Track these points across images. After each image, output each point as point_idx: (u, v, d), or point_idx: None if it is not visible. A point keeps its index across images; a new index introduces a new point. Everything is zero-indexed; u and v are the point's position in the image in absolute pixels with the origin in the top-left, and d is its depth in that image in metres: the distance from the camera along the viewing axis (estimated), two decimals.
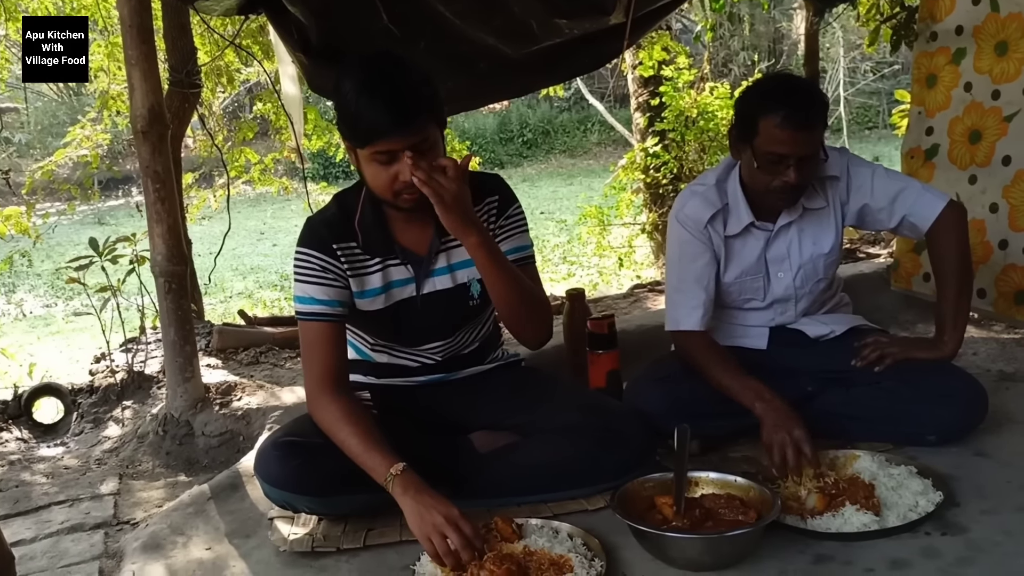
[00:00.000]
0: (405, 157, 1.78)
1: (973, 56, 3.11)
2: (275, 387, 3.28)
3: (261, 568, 1.89)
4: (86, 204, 12.70)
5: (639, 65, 6.77)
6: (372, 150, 1.81)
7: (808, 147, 2.11)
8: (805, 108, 2.09)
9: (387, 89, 1.77)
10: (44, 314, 9.20)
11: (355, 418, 1.87)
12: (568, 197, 13.35)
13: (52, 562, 2.16)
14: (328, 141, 6.72)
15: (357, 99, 1.78)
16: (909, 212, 2.25)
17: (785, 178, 2.12)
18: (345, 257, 1.98)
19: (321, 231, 1.98)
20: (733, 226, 2.30)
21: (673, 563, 1.71)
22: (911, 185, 2.29)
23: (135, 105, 2.88)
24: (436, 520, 1.69)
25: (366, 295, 2.02)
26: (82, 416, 3.42)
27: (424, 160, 1.80)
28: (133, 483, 2.78)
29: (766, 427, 2.03)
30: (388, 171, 1.83)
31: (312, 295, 1.95)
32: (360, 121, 1.79)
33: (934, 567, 1.63)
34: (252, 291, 9.89)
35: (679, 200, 2.38)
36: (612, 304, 4.30)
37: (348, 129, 1.84)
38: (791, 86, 2.18)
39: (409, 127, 1.78)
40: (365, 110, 1.77)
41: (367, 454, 1.81)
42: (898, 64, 16.82)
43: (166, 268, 2.98)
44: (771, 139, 2.10)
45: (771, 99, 2.12)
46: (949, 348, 2.21)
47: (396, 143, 1.78)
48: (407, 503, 1.75)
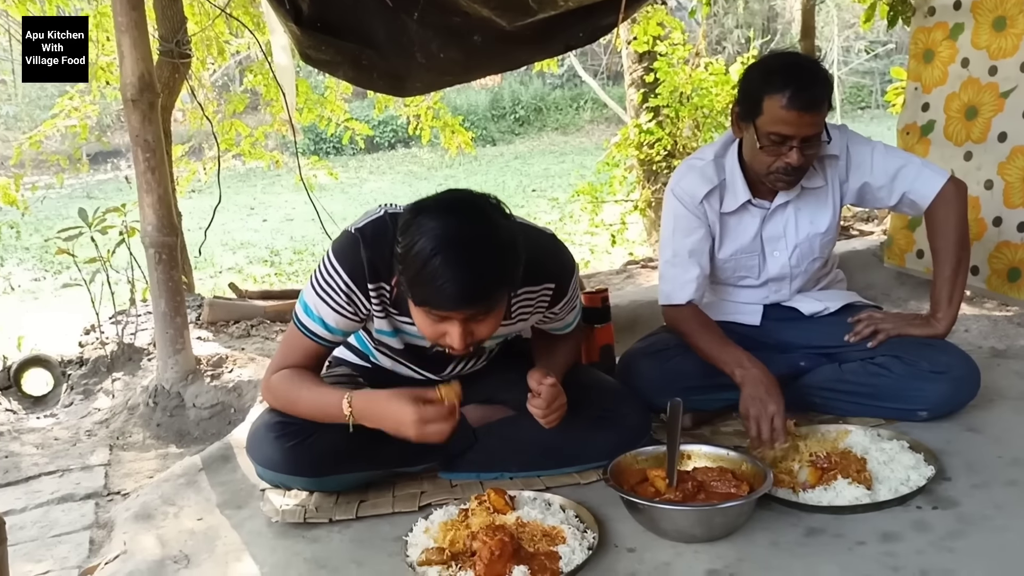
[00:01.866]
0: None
1: (971, 31, 3.10)
2: (266, 360, 3.27)
3: (253, 538, 1.88)
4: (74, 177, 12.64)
5: (634, 40, 6.71)
6: (426, 310, 1.65)
7: (812, 128, 2.08)
8: (810, 88, 2.05)
9: (462, 266, 1.55)
10: (32, 287, 9.15)
11: (301, 375, 1.87)
12: (560, 175, 13.32)
13: (42, 531, 2.16)
14: (319, 115, 6.67)
15: (430, 257, 1.55)
16: (909, 189, 2.23)
17: (788, 159, 2.10)
18: (378, 298, 1.82)
19: (363, 263, 1.76)
20: (729, 203, 2.29)
21: (665, 535, 1.72)
22: (911, 162, 2.27)
23: (125, 73, 2.84)
24: (405, 412, 1.72)
25: (387, 334, 1.94)
26: (72, 388, 3.40)
27: (480, 327, 1.67)
28: (123, 454, 2.77)
29: (743, 396, 2.05)
30: (437, 327, 1.67)
31: (322, 316, 1.82)
32: (422, 282, 1.58)
33: (925, 540, 1.64)
34: (242, 266, 9.86)
35: (676, 174, 2.36)
36: (605, 279, 4.30)
37: (407, 283, 1.63)
38: (796, 65, 2.13)
39: (472, 307, 1.62)
40: (432, 275, 1.55)
41: (320, 398, 1.83)
42: (892, 43, 16.81)
43: (156, 239, 2.95)
44: (775, 119, 2.07)
45: (776, 78, 2.07)
46: (943, 325, 2.21)
47: (455, 314, 1.63)
48: (376, 403, 1.77)
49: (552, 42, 3.68)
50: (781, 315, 2.40)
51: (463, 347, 1.67)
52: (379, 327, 1.92)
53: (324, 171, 7.05)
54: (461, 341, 1.65)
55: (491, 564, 1.56)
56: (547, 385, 1.85)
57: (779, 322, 2.39)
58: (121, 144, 13.99)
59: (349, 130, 6.80)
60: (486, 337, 1.70)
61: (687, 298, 2.28)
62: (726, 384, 2.18)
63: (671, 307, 2.32)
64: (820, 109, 2.08)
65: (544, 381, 1.85)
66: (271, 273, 9.46)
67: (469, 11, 3.19)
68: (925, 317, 2.28)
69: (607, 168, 7.07)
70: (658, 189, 6.86)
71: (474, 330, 1.67)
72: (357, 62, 3.46)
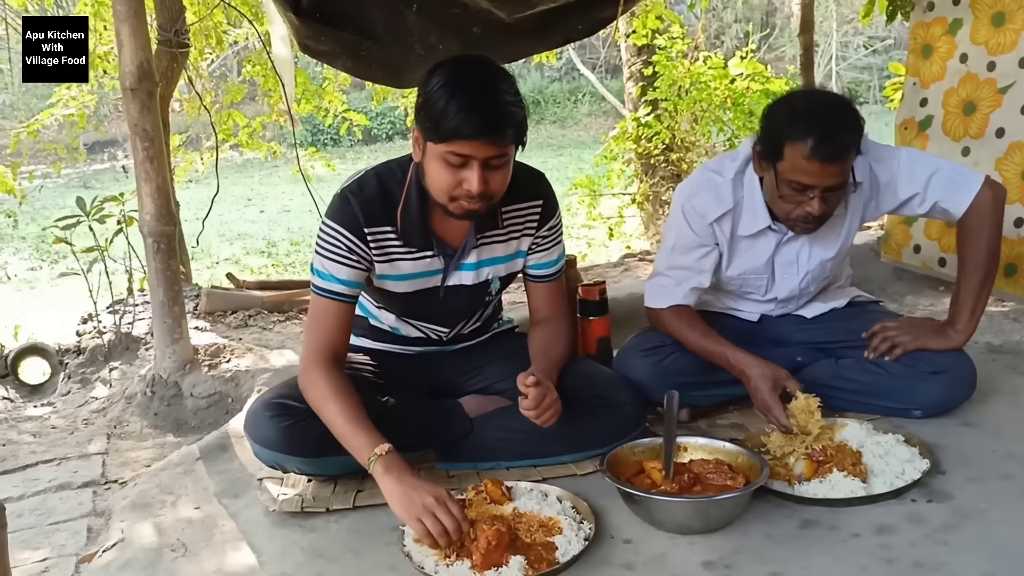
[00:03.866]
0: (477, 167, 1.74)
1: (970, 27, 3.10)
2: (264, 350, 3.28)
3: (250, 528, 1.89)
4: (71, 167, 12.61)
5: (632, 34, 6.71)
6: (448, 149, 1.73)
7: (836, 178, 1.96)
8: (836, 137, 1.91)
9: (483, 94, 1.72)
10: (29, 277, 9.13)
11: (342, 395, 1.83)
12: (558, 168, 13.29)
13: (40, 519, 2.16)
14: (317, 105, 6.66)
15: (449, 94, 1.69)
16: (941, 198, 2.11)
17: (809, 208, 1.99)
18: (376, 243, 1.92)
19: (355, 212, 1.89)
20: (747, 226, 2.18)
21: (661, 526, 1.72)
22: (941, 168, 2.12)
23: (124, 62, 2.84)
24: (425, 501, 1.65)
25: (392, 278, 1.99)
26: (69, 376, 3.40)
27: (494, 176, 1.77)
28: (121, 443, 2.77)
29: (751, 387, 2.04)
30: (455, 175, 1.76)
31: (333, 273, 1.90)
32: (446, 117, 1.69)
33: (919, 533, 1.65)
34: (239, 257, 9.85)
35: (690, 185, 2.25)
36: (602, 272, 4.30)
37: (430, 121, 1.73)
38: (822, 110, 1.96)
39: (494, 136, 1.72)
40: (455, 107, 1.68)
41: (352, 433, 1.79)
42: (891, 39, 16.80)
43: (154, 228, 2.95)
44: (796, 167, 1.95)
45: (799, 123, 1.94)
46: (961, 339, 2.14)
47: (476, 148, 1.72)
48: (389, 484, 1.70)
49: (551, 34, 3.69)
50: (782, 317, 2.39)
51: (480, 191, 1.75)
52: (382, 272, 1.96)
53: (321, 162, 7.04)
54: (479, 184, 1.74)
55: (488, 554, 1.57)
56: (531, 386, 1.83)
57: (778, 319, 2.39)
58: (118, 134, 13.95)
59: (347, 121, 6.79)
60: (498, 191, 1.81)
61: (676, 301, 2.25)
62: (722, 380, 2.18)
63: (653, 310, 2.30)
64: (846, 159, 1.95)
65: (527, 382, 1.84)
66: (268, 264, 9.45)
67: (468, 3, 3.19)
68: (942, 327, 2.18)
69: (605, 161, 7.07)
70: (656, 183, 6.86)
71: (488, 179, 1.76)
72: (355, 53, 3.46)
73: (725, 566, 1.59)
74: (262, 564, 1.73)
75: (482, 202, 1.79)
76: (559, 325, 2.14)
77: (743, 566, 1.59)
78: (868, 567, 1.55)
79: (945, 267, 3.29)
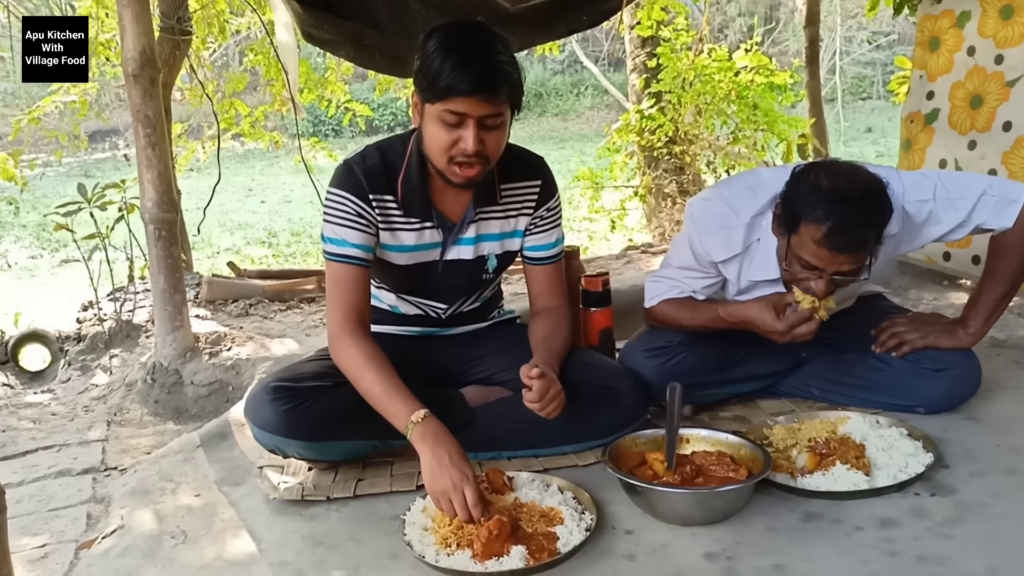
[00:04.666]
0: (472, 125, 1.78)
1: (978, 19, 3.08)
2: (265, 339, 3.27)
3: (251, 515, 1.88)
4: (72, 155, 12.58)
5: (637, 25, 6.68)
6: (444, 107, 1.76)
7: (848, 265, 1.88)
8: (853, 229, 1.82)
9: (478, 53, 1.76)
10: (29, 265, 9.12)
11: (377, 362, 1.86)
12: (560, 161, 13.27)
13: (39, 506, 2.16)
14: (319, 95, 6.64)
15: (445, 54, 1.74)
16: (984, 222, 2.02)
17: (816, 288, 1.93)
18: (380, 209, 1.96)
19: (360, 179, 1.95)
20: (757, 272, 2.10)
21: (663, 518, 1.72)
22: (984, 194, 2.00)
23: (126, 47, 2.83)
24: (445, 485, 1.67)
25: (393, 249, 2.02)
26: (69, 363, 3.40)
27: (489, 137, 1.81)
28: (121, 430, 2.77)
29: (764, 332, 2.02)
30: (451, 134, 1.80)
31: (344, 238, 1.94)
32: (441, 75, 1.73)
33: (922, 527, 1.64)
34: (239, 247, 9.84)
35: (703, 218, 2.13)
36: (605, 264, 4.30)
37: (426, 81, 1.77)
38: (846, 194, 1.83)
39: (489, 93, 1.75)
40: (450, 65, 1.73)
41: (389, 401, 1.81)
42: (895, 34, 16.75)
43: (156, 215, 2.94)
44: (806, 247, 1.87)
45: (820, 203, 1.83)
46: (971, 341, 2.12)
47: (471, 105, 1.75)
48: (425, 453, 1.73)
49: (555, 25, 3.67)
50: None
51: (475, 149, 1.79)
52: (384, 242, 2.00)
53: (324, 152, 7.02)
54: (474, 143, 1.78)
55: (489, 543, 1.57)
56: (535, 378, 1.84)
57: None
58: (119, 123, 13.93)
59: (349, 112, 6.76)
60: (494, 153, 1.85)
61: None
62: (728, 379, 2.18)
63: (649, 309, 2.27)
64: (862, 251, 1.87)
65: (531, 374, 1.84)
66: (268, 255, 9.44)
67: None
68: (952, 326, 2.15)
69: (608, 153, 7.05)
70: (659, 175, 6.84)
71: (484, 139, 1.80)
72: (359, 42, 3.44)
73: (727, 558, 1.58)
74: (262, 552, 1.73)
75: (479, 164, 1.83)
76: (559, 314, 2.14)
77: (745, 558, 1.58)
78: (871, 560, 1.54)
79: (949, 262, 3.28)
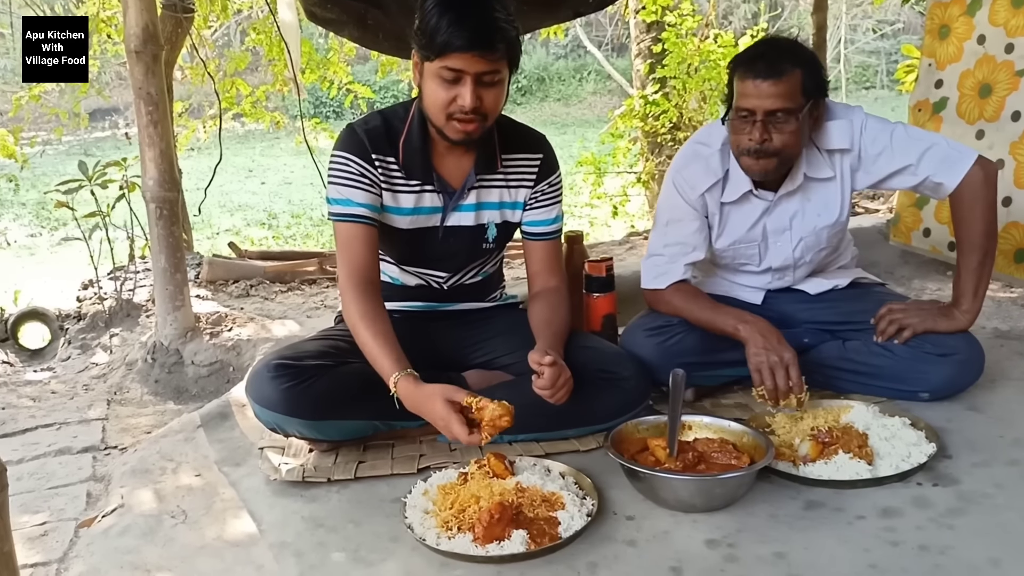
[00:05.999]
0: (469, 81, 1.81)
1: (988, 8, 3.06)
2: (266, 319, 3.26)
3: (251, 496, 1.88)
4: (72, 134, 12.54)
5: (642, 10, 6.64)
6: (442, 64, 1.80)
7: (773, 100, 1.99)
8: (769, 54, 2.01)
9: (475, 9, 1.79)
10: (29, 243, 9.11)
11: (372, 318, 1.90)
12: (562, 146, 13.21)
13: (39, 483, 2.15)
14: (321, 75, 6.60)
15: (443, 10, 1.77)
16: (933, 173, 2.11)
17: (750, 136, 2.02)
18: (383, 170, 2.00)
19: (363, 139, 1.98)
20: (730, 192, 2.21)
21: (664, 504, 1.71)
22: (936, 143, 2.13)
23: (129, 24, 2.80)
24: (436, 408, 1.74)
25: (394, 211, 2.04)
26: (69, 342, 3.39)
27: (487, 94, 1.84)
28: (121, 409, 2.76)
29: (752, 349, 2.02)
30: (449, 91, 1.83)
31: (349, 197, 1.96)
32: (439, 32, 1.77)
33: (925, 517, 1.64)
34: (239, 228, 9.82)
35: (681, 158, 2.28)
36: (608, 250, 4.29)
37: (424, 38, 1.81)
38: (762, 40, 2.12)
39: (485, 49, 1.78)
40: (447, 22, 1.76)
41: (379, 355, 1.85)
42: (900, 23, 16.66)
43: (158, 193, 2.93)
44: (740, 93, 2.04)
45: (742, 55, 2.09)
46: (967, 319, 2.13)
47: (468, 62, 1.79)
48: (410, 404, 1.80)
49: (561, 7, 3.64)
50: (786, 296, 2.37)
51: (473, 105, 1.82)
52: (386, 204, 2.02)
53: (325, 134, 6.99)
54: (472, 99, 1.81)
55: (490, 527, 1.56)
56: (547, 364, 1.84)
57: (783, 298, 2.36)
58: (120, 101, 13.85)
59: (351, 93, 6.73)
60: (492, 109, 1.88)
61: (672, 282, 2.24)
62: (728, 360, 2.16)
63: (651, 291, 2.28)
64: (781, 78, 1.98)
65: (543, 361, 1.84)
66: (268, 236, 9.43)
67: None
68: (947, 308, 2.17)
69: (611, 139, 7.02)
70: (662, 162, 6.81)
71: (482, 95, 1.83)
72: (362, 21, 3.41)
73: (728, 544, 1.58)
74: (262, 532, 1.72)
75: (477, 120, 1.86)
76: (557, 296, 2.14)
77: (746, 545, 1.57)
78: (872, 549, 1.54)
79: (953, 251, 3.27)
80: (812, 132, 2.12)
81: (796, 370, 1.97)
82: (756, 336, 2.03)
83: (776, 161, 2.07)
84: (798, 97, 2.01)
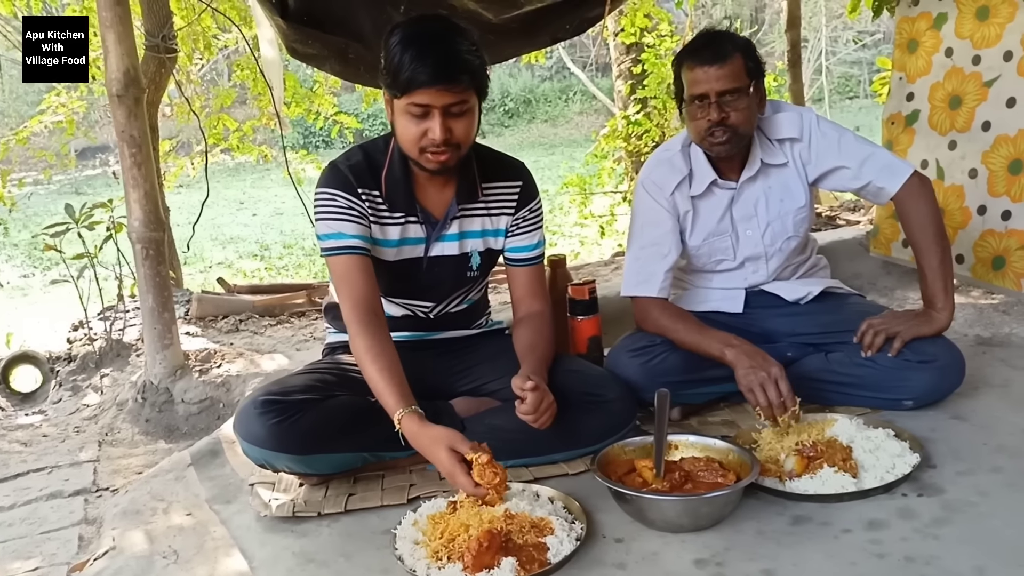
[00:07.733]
0: (438, 115, 1.84)
1: (954, 21, 3.11)
2: (255, 354, 3.27)
3: (242, 533, 1.88)
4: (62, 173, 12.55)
5: (621, 32, 6.71)
6: (409, 100, 1.84)
7: (725, 82, 2.14)
8: (711, 43, 2.17)
9: (435, 44, 1.82)
10: (21, 284, 9.09)
11: (377, 352, 1.90)
12: (549, 167, 13.30)
13: (31, 528, 2.15)
14: (307, 108, 6.64)
15: (404, 48, 1.81)
16: (875, 177, 2.25)
17: (708, 116, 2.16)
18: (369, 203, 2.02)
19: (347, 175, 2.01)
20: (697, 187, 2.32)
21: (652, 525, 1.73)
22: (879, 152, 2.30)
23: (110, 68, 2.83)
24: (441, 457, 1.75)
25: (383, 244, 2.07)
26: (60, 384, 3.39)
27: (457, 125, 1.87)
28: (112, 450, 2.76)
29: (740, 370, 2.05)
30: (419, 126, 1.86)
31: (340, 231, 1.98)
32: (403, 69, 1.80)
33: (910, 527, 1.65)
34: (231, 261, 9.82)
35: (646, 167, 2.40)
36: (594, 271, 4.31)
37: (390, 77, 1.85)
38: (702, 33, 2.27)
39: (449, 82, 1.81)
40: (409, 58, 1.80)
41: (384, 391, 1.86)
42: (880, 33, 16.83)
43: (143, 234, 2.94)
44: (690, 83, 2.18)
45: (685, 49, 2.24)
46: (945, 317, 2.18)
47: (434, 96, 1.82)
48: (414, 442, 1.81)
49: (539, 34, 3.69)
50: (764, 303, 2.40)
51: (443, 138, 1.85)
52: (373, 235, 2.04)
53: (313, 165, 7.01)
54: (442, 132, 1.84)
55: (479, 555, 1.57)
56: (529, 390, 1.87)
57: (763, 310, 2.39)
58: (109, 139, 13.90)
59: (338, 124, 6.77)
60: (463, 139, 1.91)
61: (653, 291, 2.30)
62: (712, 378, 2.20)
63: (639, 301, 2.33)
64: (726, 61, 2.13)
65: (525, 386, 1.87)
66: (261, 268, 9.43)
67: (455, 4, 3.19)
68: (924, 312, 2.21)
69: (596, 160, 7.07)
70: None
71: (451, 127, 1.86)
72: (344, 56, 3.45)
73: (717, 564, 1.59)
74: (254, 570, 1.73)
75: (449, 151, 1.89)
76: (541, 320, 2.17)
77: (735, 563, 1.59)
78: (859, 562, 1.55)
79: None
80: (759, 112, 2.27)
81: (785, 383, 2.00)
82: (743, 358, 2.06)
83: (735, 137, 2.21)
84: (743, 77, 2.17)
